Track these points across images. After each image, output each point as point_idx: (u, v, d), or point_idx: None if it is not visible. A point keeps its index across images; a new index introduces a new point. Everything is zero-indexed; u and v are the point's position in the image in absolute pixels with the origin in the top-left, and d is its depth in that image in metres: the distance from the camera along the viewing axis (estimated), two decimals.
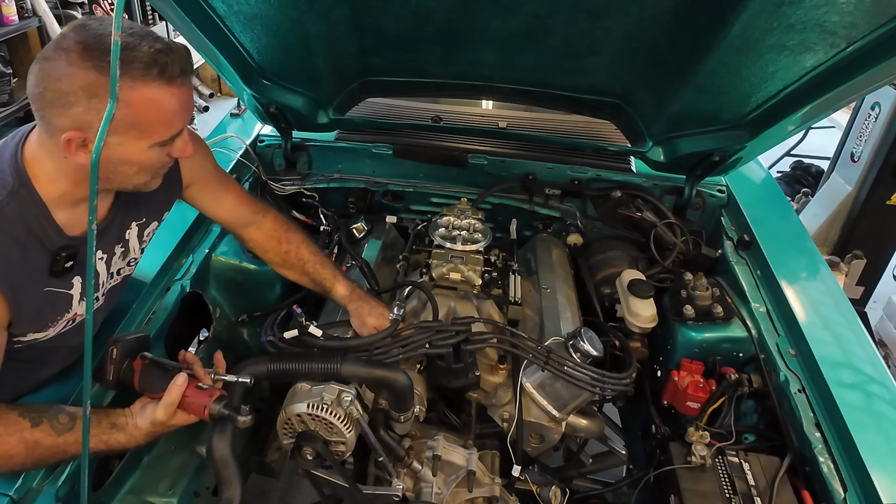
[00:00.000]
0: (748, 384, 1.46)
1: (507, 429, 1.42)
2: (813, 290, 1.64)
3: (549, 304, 1.68)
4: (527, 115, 2.44)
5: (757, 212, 1.90)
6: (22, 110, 3.93)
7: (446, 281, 1.66)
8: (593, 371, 1.37)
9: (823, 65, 1.34)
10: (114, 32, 0.75)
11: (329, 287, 1.54)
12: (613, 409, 2.00)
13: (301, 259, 1.55)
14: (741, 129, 1.67)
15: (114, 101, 0.80)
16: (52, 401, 1.18)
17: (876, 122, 3.14)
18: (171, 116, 1.05)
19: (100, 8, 4.02)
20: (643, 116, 1.81)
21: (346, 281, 1.56)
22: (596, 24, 1.42)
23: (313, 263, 1.55)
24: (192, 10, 1.43)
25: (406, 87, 1.97)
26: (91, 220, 0.84)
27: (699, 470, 1.32)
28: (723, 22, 1.26)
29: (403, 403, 1.33)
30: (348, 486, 1.28)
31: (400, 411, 1.34)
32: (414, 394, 1.34)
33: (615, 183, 2.01)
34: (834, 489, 1.19)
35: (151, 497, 1.42)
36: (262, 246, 1.55)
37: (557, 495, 1.47)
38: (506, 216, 2.06)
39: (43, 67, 0.97)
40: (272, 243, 1.54)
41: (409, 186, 2.08)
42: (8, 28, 3.69)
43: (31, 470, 1.11)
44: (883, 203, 3.19)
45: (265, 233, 1.54)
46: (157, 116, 1.03)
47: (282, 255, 1.55)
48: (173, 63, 1.00)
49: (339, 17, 1.51)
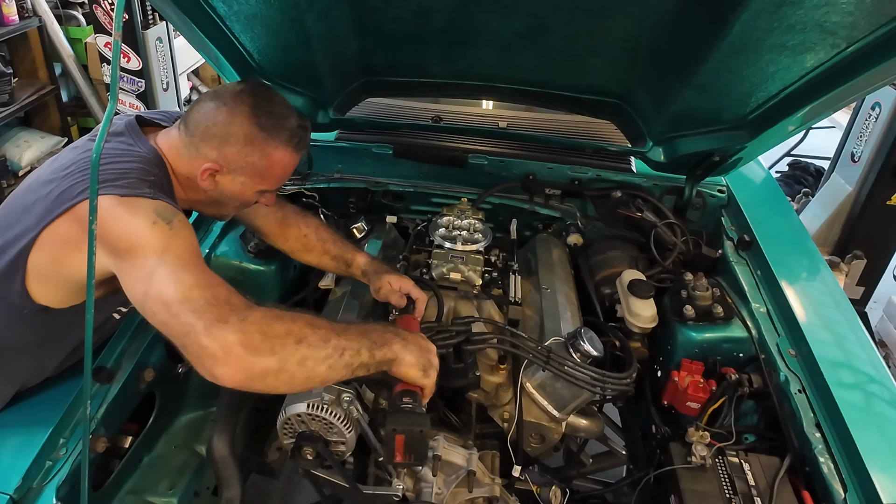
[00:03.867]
0: (748, 384, 1.46)
1: (508, 429, 1.42)
2: (813, 290, 1.64)
3: (549, 304, 1.68)
4: (527, 115, 2.43)
5: (757, 212, 1.89)
6: (22, 110, 3.92)
7: (446, 281, 1.66)
8: (593, 371, 1.37)
9: (824, 65, 1.33)
10: (114, 32, 0.75)
11: (352, 259, 1.62)
12: (613, 409, 2.00)
13: (322, 239, 1.63)
14: (741, 130, 1.67)
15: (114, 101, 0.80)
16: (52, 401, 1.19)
17: (876, 122, 3.14)
18: (285, 175, 1.32)
19: (100, 7, 4.00)
20: (643, 116, 1.81)
21: (365, 252, 1.66)
22: (596, 24, 1.42)
23: (334, 241, 1.64)
24: (192, 10, 1.43)
25: (406, 87, 1.96)
26: (91, 219, 0.84)
27: (699, 470, 1.31)
28: (723, 22, 1.26)
29: None
30: (348, 486, 1.28)
31: None
32: None
33: (615, 183, 2.00)
34: (834, 489, 1.19)
35: (151, 497, 1.42)
36: (282, 234, 1.61)
37: (557, 495, 1.47)
38: (506, 216, 2.06)
39: (220, 108, 1.21)
40: (291, 230, 1.61)
41: (410, 186, 2.08)
42: (8, 28, 3.69)
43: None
44: (883, 203, 3.20)
45: (283, 221, 1.61)
46: (279, 172, 1.29)
47: (301, 239, 1.62)
48: (306, 139, 1.29)
49: (339, 18, 1.51)
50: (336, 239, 1.65)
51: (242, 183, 1.26)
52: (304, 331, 1.01)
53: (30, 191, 1.17)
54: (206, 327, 0.94)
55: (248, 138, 1.20)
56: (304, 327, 1.01)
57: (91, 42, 4.22)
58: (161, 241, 1.02)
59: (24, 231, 1.12)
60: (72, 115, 4.51)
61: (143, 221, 1.03)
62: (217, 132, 1.20)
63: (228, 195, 1.28)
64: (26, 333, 1.21)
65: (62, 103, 4.33)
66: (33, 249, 1.10)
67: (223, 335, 0.93)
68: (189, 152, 1.22)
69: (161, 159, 1.22)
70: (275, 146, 1.23)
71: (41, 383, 1.32)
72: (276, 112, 1.23)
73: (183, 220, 1.09)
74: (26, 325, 1.19)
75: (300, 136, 1.27)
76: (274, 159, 1.24)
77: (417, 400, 1.10)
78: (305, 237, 1.62)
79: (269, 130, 1.21)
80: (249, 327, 0.95)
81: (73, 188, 1.10)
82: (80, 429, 1.22)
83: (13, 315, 1.18)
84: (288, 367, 0.97)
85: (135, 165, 1.13)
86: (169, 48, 4.26)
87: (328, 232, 1.65)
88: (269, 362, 0.95)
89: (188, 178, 1.25)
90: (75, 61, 4.33)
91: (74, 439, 1.21)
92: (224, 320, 0.94)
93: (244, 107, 1.20)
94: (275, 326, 0.98)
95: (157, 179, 1.15)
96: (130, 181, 1.09)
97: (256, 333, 0.95)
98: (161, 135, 1.27)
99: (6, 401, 1.28)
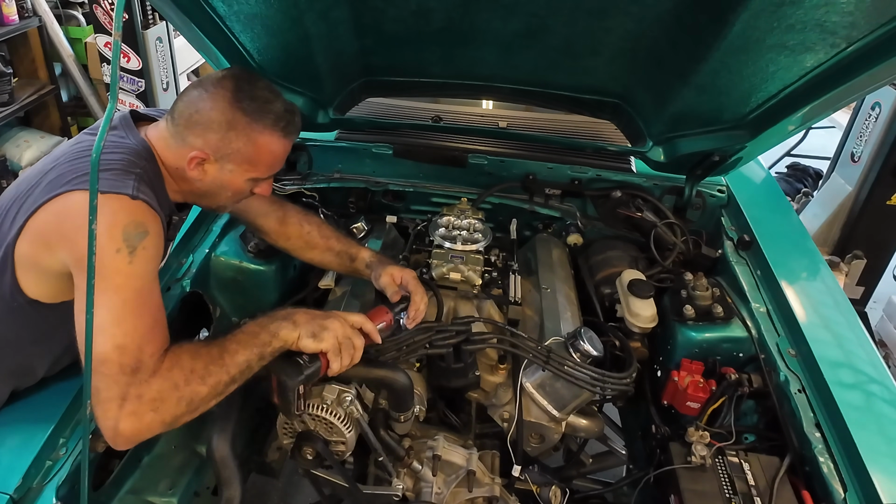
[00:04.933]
0: (748, 384, 1.46)
1: (507, 429, 1.42)
2: (813, 290, 1.64)
3: (549, 304, 1.68)
4: (527, 115, 2.43)
5: (757, 212, 1.89)
6: (22, 110, 3.92)
7: (446, 281, 1.66)
8: (593, 371, 1.37)
9: (824, 65, 1.33)
10: (114, 32, 0.75)
11: (356, 254, 1.62)
12: (613, 409, 1.99)
13: (325, 236, 1.63)
14: (741, 129, 1.67)
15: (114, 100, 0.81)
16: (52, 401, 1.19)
17: (876, 122, 3.14)
18: (276, 161, 1.28)
19: (100, 7, 4.00)
20: (643, 116, 1.81)
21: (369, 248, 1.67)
22: (596, 23, 1.42)
23: (336, 238, 1.64)
24: (192, 10, 1.43)
25: (406, 87, 1.97)
26: (91, 219, 0.84)
27: (699, 470, 1.31)
28: (723, 22, 1.26)
29: (403, 403, 1.33)
30: (348, 485, 1.28)
31: (400, 411, 1.34)
32: (414, 394, 1.34)
33: (615, 183, 2.00)
34: (834, 489, 1.19)
35: (151, 497, 1.42)
36: (284, 233, 1.61)
37: (557, 495, 1.47)
38: (506, 216, 2.06)
39: (201, 95, 1.20)
40: (294, 228, 1.61)
41: (410, 186, 2.08)
42: (8, 28, 3.68)
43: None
44: (883, 203, 3.20)
45: (284, 220, 1.60)
46: (268, 158, 1.26)
47: (304, 236, 1.61)
48: (295, 123, 1.27)
49: (339, 17, 1.51)
50: (338, 235, 1.65)
51: (231, 171, 1.24)
52: (197, 390, 1.05)
53: (22, 182, 1.18)
54: (105, 401, 0.99)
55: (230, 123, 1.18)
56: (198, 385, 1.05)
57: (91, 42, 4.22)
58: (115, 277, 1.02)
59: (13, 222, 1.11)
60: (72, 115, 4.50)
61: (108, 244, 1.02)
62: (200, 119, 1.19)
63: (219, 184, 1.26)
64: (19, 328, 1.21)
65: (62, 103, 4.33)
66: (19, 240, 1.10)
67: (116, 416, 0.99)
68: (176, 142, 1.21)
69: (150, 151, 1.20)
70: (259, 130, 1.20)
71: (39, 383, 1.31)
72: (260, 96, 1.21)
73: (149, 243, 1.08)
74: (18, 320, 1.19)
75: (287, 120, 1.24)
76: (260, 144, 1.22)
77: (315, 359, 1.17)
78: (308, 234, 1.61)
79: (252, 114, 1.19)
80: (143, 408, 1.00)
81: (60, 178, 1.09)
82: (80, 429, 1.22)
83: (5, 308, 1.17)
84: (177, 423, 1.05)
85: (121, 157, 1.13)
86: (169, 48, 4.26)
87: (330, 229, 1.65)
88: (156, 430, 1.03)
89: (178, 169, 1.23)
90: (75, 61, 4.33)
91: (74, 439, 1.21)
92: (123, 397, 0.99)
93: (225, 92, 1.19)
94: (169, 397, 1.02)
95: (144, 172, 1.14)
96: (115, 173, 1.08)
97: (150, 412, 1.01)
98: (151, 127, 1.26)
99: (2, 401, 1.28)
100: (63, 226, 1.06)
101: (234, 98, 1.18)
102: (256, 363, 1.13)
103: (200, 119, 1.19)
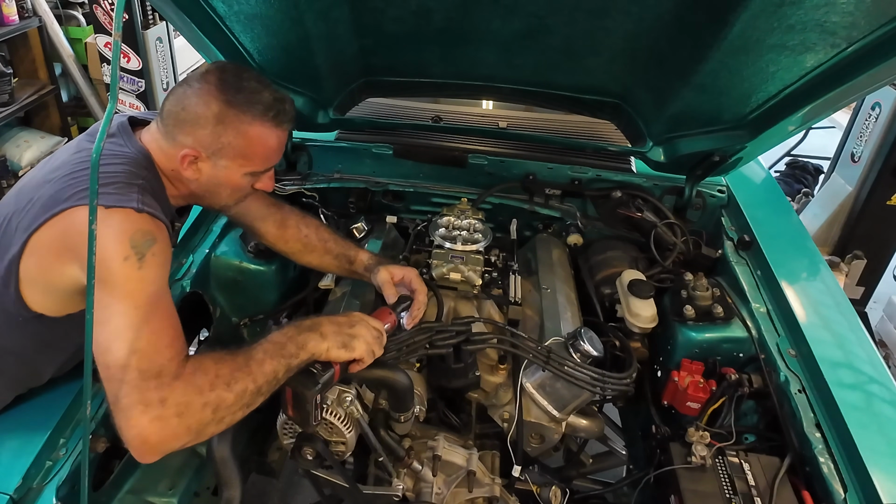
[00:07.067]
0: (748, 384, 1.46)
1: (508, 429, 1.42)
2: (813, 290, 1.64)
3: (549, 304, 1.68)
4: (527, 115, 2.43)
5: (757, 212, 1.89)
6: (22, 110, 3.92)
7: (446, 281, 1.66)
8: (593, 371, 1.37)
9: (824, 65, 1.33)
10: (114, 32, 0.75)
11: (354, 256, 1.60)
12: (613, 409, 1.99)
13: (323, 239, 1.61)
14: (741, 130, 1.67)
15: (114, 101, 0.80)
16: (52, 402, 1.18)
17: (876, 122, 3.14)
18: (271, 153, 1.25)
19: (100, 7, 4.01)
20: (643, 116, 1.81)
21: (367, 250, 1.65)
22: (596, 24, 1.42)
23: (335, 241, 1.62)
24: (192, 10, 1.43)
25: (406, 87, 1.97)
26: (91, 219, 0.84)
27: (699, 470, 1.31)
28: (723, 22, 1.26)
29: (403, 403, 1.33)
30: (348, 486, 1.28)
31: (400, 411, 1.34)
32: (414, 394, 1.34)
33: (615, 183, 2.00)
34: (834, 489, 1.19)
35: (151, 497, 1.42)
36: (282, 236, 1.59)
37: (557, 495, 1.47)
38: (506, 216, 2.06)
39: (186, 92, 1.17)
40: (292, 231, 1.59)
41: (410, 186, 2.08)
42: (8, 28, 3.69)
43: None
44: (883, 203, 3.20)
45: (282, 223, 1.58)
46: (262, 150, 1.22)
47: (302, 239, 1.59)
48: (286, 112, 1.22)
49: (339, 18, 1.51)
50: (337, 238, 1.63)
51: (226, 167, 1.21)
52: (222, 396, 1.01)
53: (21, 194, 1.15)
54: (128, 408, 0.95)
55: (218, 117, 1.15)
56: (223, 391, 1.01)
57: (91, 42, 4.22)
58: (126, 284, 1.00)
59: (15, 236, 1.09)
60: (72, 115, 4.51)
61: (116, 252, 1.00)
62: (187, 117, 1.16)
63: (216, 182, 1.23)
64: (23, 340, 1.20)
65: (62, 103, 4.33)
66: (23, 255, 1.08)
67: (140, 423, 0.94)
68: (167, 143, 1.19)
69: (149, 158, 1.19)
70: (249, 121, 1.17)
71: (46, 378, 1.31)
72: (246, 87, 1.17)
73: (158, 250, 1.06)
74: (23, 333, 1.18)
75: (277, 109, 1.20)
76: (251, 136, 1.18)
77: (328, 367, 1.15)
78: (306, 238, 1.60)
79: (239, 106, 1.16)
80: (167, 412, 0.96)
81: (61, 193, 1.07)
82: (80, 429, 1.22)
83: (9, 322, 1.16)
84: (204, 432, 1.01)
85: (123, 168, 1.11)
86: (169, 48, 4.26)
87: (328, 232, 1.63)
88: (183, 438, 0.98)
89: (173, 171, 1.21)
90: (75, 61, 4.33)
91: (74, 439, 1.21)
92: (146, 403, 0.95)
93: (210, 86, 1.15)
94: (194, 402, 0.98)
95: (146, 182, 1.12)
96: (118, 186, 1.06)
97: (174, 417, 0.96)
98: (145, 132, 1.23)
99: (4, 405, 1.28)
100: (72, 241, 1.04)
101: (220, 91, 1.15)
102: (283, 374, 1.10)
103: (188, 116, 1.16)
